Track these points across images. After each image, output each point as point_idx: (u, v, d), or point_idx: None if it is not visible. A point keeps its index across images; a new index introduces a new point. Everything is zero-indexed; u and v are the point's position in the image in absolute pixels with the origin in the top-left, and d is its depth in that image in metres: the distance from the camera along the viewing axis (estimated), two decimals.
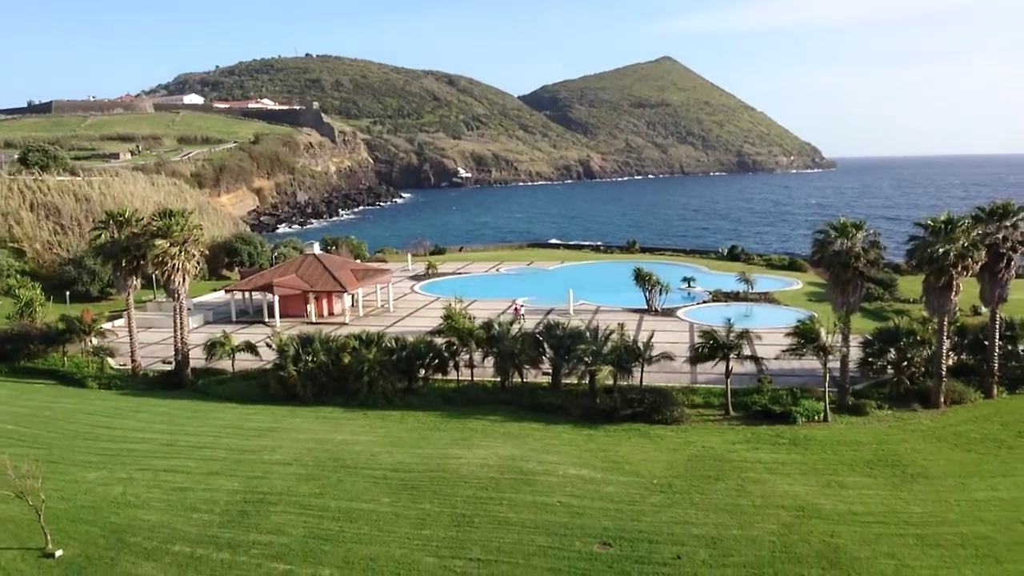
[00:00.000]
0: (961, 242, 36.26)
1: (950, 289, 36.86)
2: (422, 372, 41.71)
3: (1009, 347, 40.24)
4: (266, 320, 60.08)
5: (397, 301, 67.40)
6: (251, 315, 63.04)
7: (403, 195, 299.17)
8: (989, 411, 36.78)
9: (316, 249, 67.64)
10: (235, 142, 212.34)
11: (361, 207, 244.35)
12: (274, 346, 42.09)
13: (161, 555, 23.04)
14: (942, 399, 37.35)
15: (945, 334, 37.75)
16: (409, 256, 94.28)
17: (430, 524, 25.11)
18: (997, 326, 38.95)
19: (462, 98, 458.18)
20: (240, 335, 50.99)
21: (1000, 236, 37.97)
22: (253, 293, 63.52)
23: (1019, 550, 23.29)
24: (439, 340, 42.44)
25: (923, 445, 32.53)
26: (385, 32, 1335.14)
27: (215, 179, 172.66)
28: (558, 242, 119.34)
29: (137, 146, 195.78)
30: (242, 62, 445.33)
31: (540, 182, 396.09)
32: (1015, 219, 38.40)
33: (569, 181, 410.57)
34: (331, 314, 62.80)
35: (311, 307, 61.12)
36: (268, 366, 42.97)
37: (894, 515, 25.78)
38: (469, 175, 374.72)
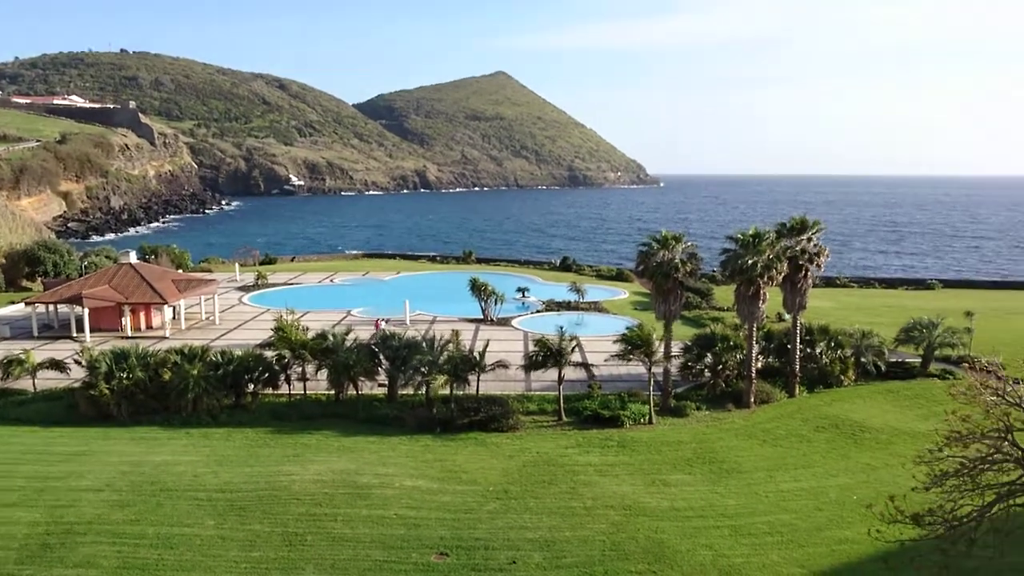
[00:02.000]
0: (767, 254, 39.53)
1: (758, 298, 40.07)
2: (251, 387, 39.88)
3: (808, 350, 44.22)
4: (74, 335, 55.21)
5: (224, 313, 64.15)
6: (56, 330, 57.73)
7: (231, 202, 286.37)
8: (792, 409, 40.26)
9: (132, 258, 63.03)
10: (38, 141, 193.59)
11: (184, 214, 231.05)
12: (83, 363, 38.75)
13: None
14: (752, 399, 40.44)
15: (754, 339, 40.94)
16: (237, 266, 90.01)
17: (260, 545, 24.06)
18: (798, 331, 42.72)
19: (294, 103, 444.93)
20: (43, 351, 46.56)
21: (799, 249, 41.72)
22: (59, 306, 58.21)
23: (818, 535, 25.66)
24: (269, 353, 40.80)
25: (736, 442, 35.08)
26: (210, 31, 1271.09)
27: (14, 181, 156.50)
28: (394, 252, 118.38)
29: None
30: (47, 54, 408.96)
31: (376, 191, 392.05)
32: (810, 234, 42.37)
33: (405, 191, 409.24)
34: (150, 328, 58.71)
35: (127, 320, 56.85)
36: (77, 385, 39.49)
37: (711, 509, 27.62)
38: (302, 183, 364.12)
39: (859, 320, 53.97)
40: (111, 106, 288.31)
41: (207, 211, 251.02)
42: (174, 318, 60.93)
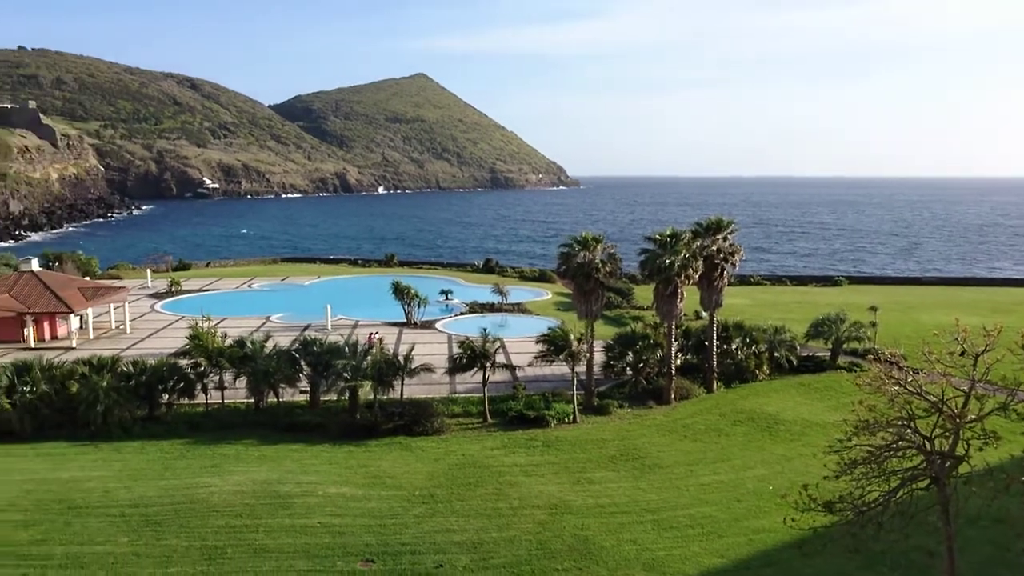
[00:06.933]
0: (683, 254, 40.53)
1: (676, 296, 41.04)
2: (165, 397, 38.51)
3: (725, 347, 45.51)
4: None
5: (135, 322, 61.73)
6: None
7: (141, 206, 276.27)
8: (710, 404, 41.37)
9: (34, 265, 60.04)
10: None
11: (91, 219, 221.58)
12: None
13: None
14: (672, 396, 41.37)
15: (673, 337, 41.91)
16: (148, 272, 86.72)
17: (177, 561, 23.27)
18: (715, 328, 43.93)
19: (207, 104, 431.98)
20: None
21: (714, 248, 42.93)
22: None
23: (736, 525, 26.44)
24: (185, 362, 39.47)
25: (658, 438, 35.82)
26: (116, 28, 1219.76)
27: None
28: (314, 256, 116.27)
29: None
30: None
31: (294, 194, 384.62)
32: (725, 233, 43.65)
33: (325, 194, 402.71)
34: (55, 338, 55.99)
35: (30, 331, 54.07)
36: None
37: (634, 504, 28.13)
38: (216, 186, 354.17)
39: (772, 316, 55.91)
40: (8, 106, 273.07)
41: (115, 215, 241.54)
42: (81, 327, 58.31)
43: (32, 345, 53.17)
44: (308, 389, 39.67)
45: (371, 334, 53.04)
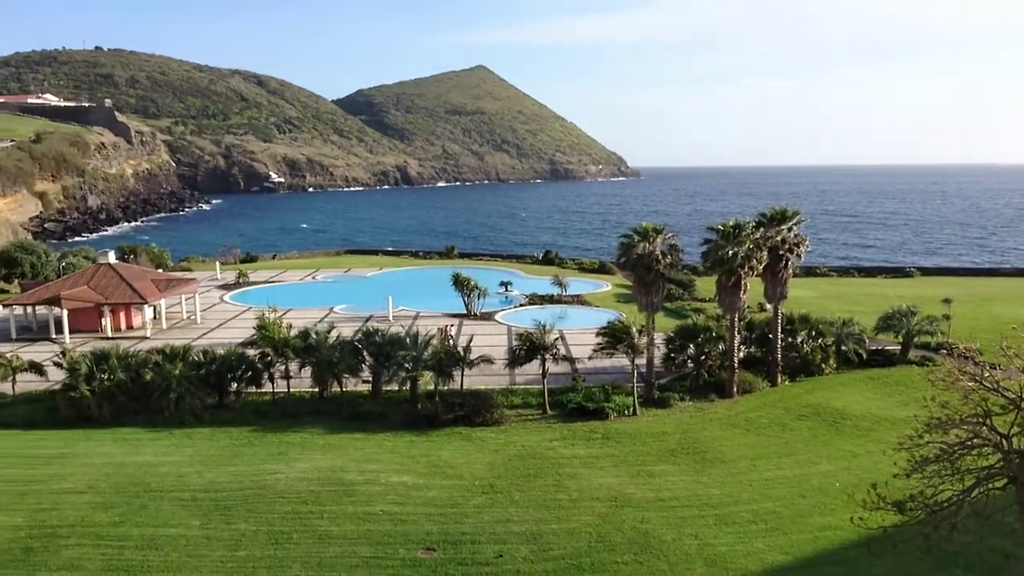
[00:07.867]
0: (747, 245, 39.75)
1: (739, 288, 40.31)
2: (234, 386, 39.66)
3: (789, 339, 44.53)
4: (53, 337, 54.64)
5: (205, 312, 63.68)
6: (35, 332, 57.09)
7: (210, 200, 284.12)
8: (774, 398, 40.56)
9: (111, 258, 62.43)
10: (12, 141, 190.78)
11: (163, 213, 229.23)
12: (63, 364, 38.37)
13: None
14: (735, 389, 40.70)
15: (736, 329, 41.20)
16: (217, 264, 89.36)
17: (246, 544, 23.98)
18: (779, 321, 43.02)
19: (272, 100, 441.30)
20: (22, 354, 46.00)
21: (779, 239, 41.98)
22: (37, 307, 57.56)
23: (801, 521, 25.92)
24: (252, 352, 40.56)
25: (720, 432, 35.31)
26: (186, 27, 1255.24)
27: None
28: (376, 248, 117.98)
29: None
30: (19, 53, 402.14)
31: (357, 188, 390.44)
32: (790, 224, 42.63)
33: (386, 187, 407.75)
34: (130, 328, 58.19)
35: (107, 321, 56.30)
36: (57, 387, 39.10)
37: (696, 498, 27.81)
38: (282, 180, 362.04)
39: (839, 309, 54.45)
40: (86, 104, 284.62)
41: (187, 209, 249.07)
42: (155, 318, 60.42)
43: (109, 334, 55.37)
44: (370, 379, 40.34)
45: (446, 327, 53.50)
